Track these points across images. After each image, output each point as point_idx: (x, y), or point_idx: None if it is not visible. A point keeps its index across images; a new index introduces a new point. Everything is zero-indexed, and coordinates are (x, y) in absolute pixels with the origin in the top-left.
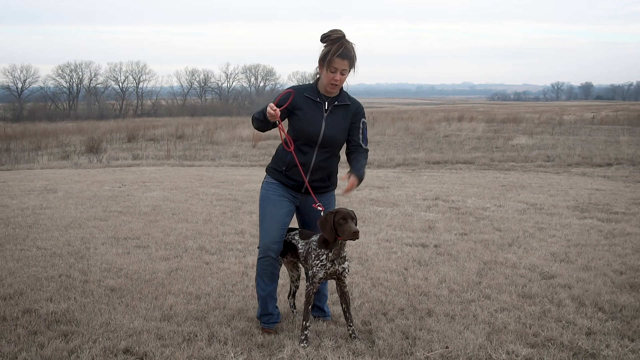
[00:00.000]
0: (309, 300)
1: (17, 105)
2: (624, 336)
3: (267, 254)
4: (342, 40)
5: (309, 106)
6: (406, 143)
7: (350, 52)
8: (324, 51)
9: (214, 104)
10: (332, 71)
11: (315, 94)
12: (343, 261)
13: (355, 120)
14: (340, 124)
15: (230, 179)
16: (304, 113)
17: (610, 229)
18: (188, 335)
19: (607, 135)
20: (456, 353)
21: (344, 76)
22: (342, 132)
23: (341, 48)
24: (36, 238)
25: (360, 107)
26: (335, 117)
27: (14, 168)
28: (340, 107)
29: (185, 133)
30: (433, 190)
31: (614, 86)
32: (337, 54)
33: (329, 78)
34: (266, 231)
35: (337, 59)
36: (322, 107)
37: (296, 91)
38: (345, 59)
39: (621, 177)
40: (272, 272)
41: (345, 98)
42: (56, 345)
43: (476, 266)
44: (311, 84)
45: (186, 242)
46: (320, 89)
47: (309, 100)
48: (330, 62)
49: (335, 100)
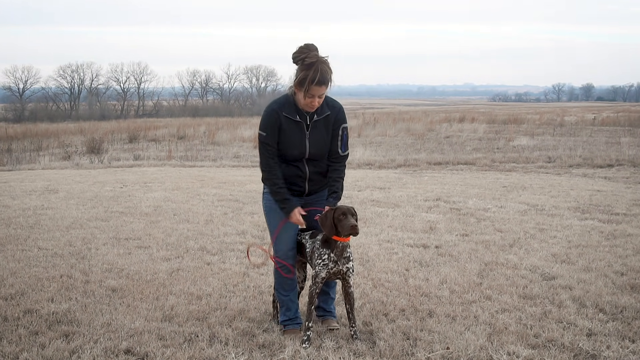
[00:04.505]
0: (312, 301)
1: (19, 105)
2: (624, 337)
3: (286, 262)
4: (316, 64)
5: (290, 127)
6: (407, 144)
7: (326, 76)
8: (300, 76)
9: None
10: (310, 97)
11: (294, 112)
12: (347, 261)
13: (336, 127)
14: (324, 137)
15: (231, 180)
16: (286, 135)
17: (611, 230)
18: (189, 335)
19: (608, 137)
20: (457, 354)
21: (321, 99)
22: (326, 144)
23: (317, 73)
24: (37, 238)
25: (340, 112)
26: (317, 131)
27: (15, 168)
28: (320, 120)
29: (186, 134)
30: (434, 191)
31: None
32: (315, 81)
33: (307, 102)
34: (281, 240)
35: (315, 86)
36: (303, 126)
37: (276, 114)
38: (323, 85)
39: (622, 178)
40: (292, 279)
41: (324, 108)
42: (57, 345)
43: (477, 267)
44: (287, 98)
45: (187, 242)
46: (299, 106)
47: (289, 120)
48: (308, 90)
49: (315, 114)
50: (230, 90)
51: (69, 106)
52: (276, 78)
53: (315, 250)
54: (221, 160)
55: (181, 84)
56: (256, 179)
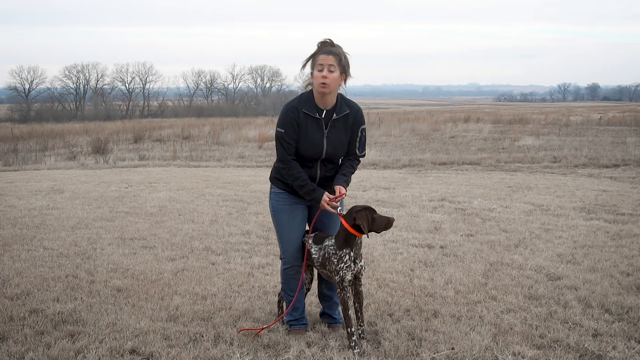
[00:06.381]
0: (346, 306)
1: (25, 106)
2: (630, 338)
3: (294, 263)
4: (326, 42)
5: (308, 124)
6: (412, 144)
7: (334, 49)
8: (310, 55)
9: (220, 105)
10: (319, 69)
11: (314, 109)
12: (360, 259)
13: (355, 128)
14: (342, 138)
15: (236, 180)
16: (305, 133)
17: (617, 230)
18: (194, 335)
19: (614, 137)
20: (462, 354)
21: (332, 74)
22: (343, 146)
23: (324, 45)
24: (43, 238)
25: (358, 113)
26: (335, 131)
27: (21, 169)
28: (340, 119)
29: (191, 134)
30: (439, 191)
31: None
32: (322, 51)
33: (318, 78)
34: (288, 241)
35: (322, 55)
36: (321, 124)
37: (295, 110)
38: (330, 55)
39: (628, 178)
40: (299, 279)
41: (343, 107)
42: (63, 345)
43: (482, 267)
44: (307, 96)
45: (192, 242)
46: (316, 100)
47: (308, 117)
48: (315, 60)
49: (334, 112)
50: (235, 90)
51: (74, 106)
52: (281, 78)
53: (332, 255)
54: (226, 161)
55: (186, 84)
56: (261, 179)
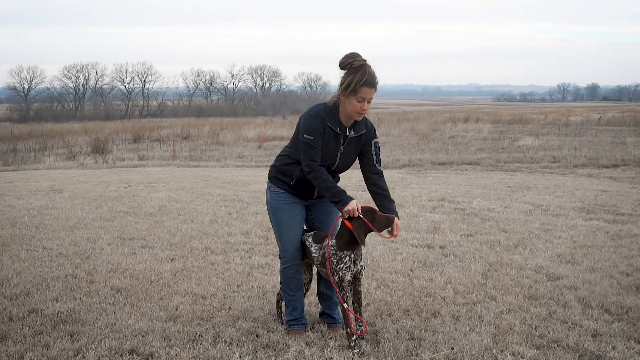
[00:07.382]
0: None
1: (24, 105)
2: (630, 338)
3: (293, 263)
4: (364, 67)
5: (329, 138)
6: (412, 144)
7: (375, 79)
8: (348, 80)
9: (220, 105)
10: (360, 100)
11: (337, 124)
12: (360, 260)
13: (368, 142)
14: (353, 154)
15: (235, 180)
16: (325, 144)
17: (617, 231)
18: (193, 335)
19: (613, 137)
20: (461, 354)
21: (369, 104)
22: (352, 159)
23: (366, 75)
24: (42, 238)
25: (372, 130)
26: (350, 148)
27: (20, 168)
28: (355, 138)
29: (190, 134)
30: (438, 191)
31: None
32: (364, 82)
33: (357, 107)
34: (288, 241)
35: (365, 87)
36: (340, 140)
37: (323, 121)
38: (373, 87)
39: (627, 178)
40: (298, 279)
41: (361, 126)
42: (62, 345)
43: (482, 267)
44: (332, 109)
45: (192, 242)
46: (341, 117)
47: (331, 131)
48: (357, 91)
49: (352, 130)
50: (235, 90)
51: (73, 106)
52: (280, 78)
53: (332, 255)
54: (225, 160)
55: (185, 84)
56: (260, 179)
